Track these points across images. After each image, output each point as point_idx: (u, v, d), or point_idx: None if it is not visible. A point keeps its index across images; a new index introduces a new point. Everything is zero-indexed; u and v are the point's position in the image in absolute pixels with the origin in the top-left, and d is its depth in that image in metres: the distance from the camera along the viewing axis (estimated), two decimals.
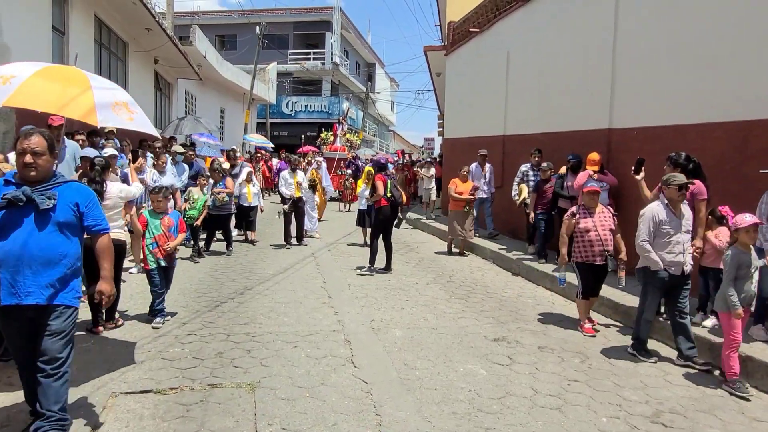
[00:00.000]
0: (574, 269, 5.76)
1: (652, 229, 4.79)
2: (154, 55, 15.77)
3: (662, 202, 4.86)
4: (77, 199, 3.15)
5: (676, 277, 4.80)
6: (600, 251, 5.51)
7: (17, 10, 8.46)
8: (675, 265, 4.78)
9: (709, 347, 4.87)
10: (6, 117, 7.99)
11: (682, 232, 4.80)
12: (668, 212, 4.80)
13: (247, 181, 10.37)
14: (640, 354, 4.90)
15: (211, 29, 32.59)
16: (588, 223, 5.58)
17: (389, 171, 9.40)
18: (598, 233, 5.52)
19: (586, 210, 5.67)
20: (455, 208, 9.83)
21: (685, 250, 4.82)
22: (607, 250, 5.52)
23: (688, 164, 5.47)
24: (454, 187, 9.81)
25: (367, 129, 38.83)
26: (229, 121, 26.01)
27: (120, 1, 11.93)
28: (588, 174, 7.21)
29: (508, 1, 11.31)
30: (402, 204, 8.44)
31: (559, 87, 9.42)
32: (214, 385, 4.06)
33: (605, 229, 5.56)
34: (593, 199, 5.67)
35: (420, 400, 3.90)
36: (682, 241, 4.79)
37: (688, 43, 6.69)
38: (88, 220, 3.20)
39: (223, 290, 6.86)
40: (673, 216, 4.80)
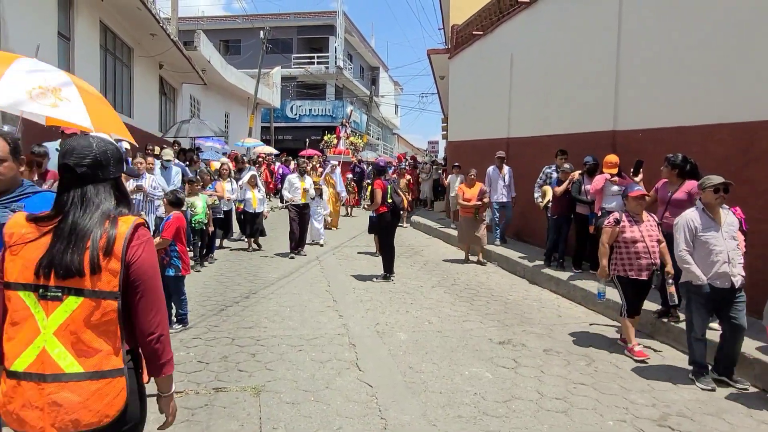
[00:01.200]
0: (615, 284, 5.14)
1: (690, 239, 4.36)
2: (159, 60, 15.85)
3: (698, 207, 4.45)
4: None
5: (723, 290, 4.27)
6: (647, 265, 4.91)
7: (23, 17, 8.52)
8: (720, 278, 4.26)
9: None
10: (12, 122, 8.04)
11: (725, 240, 4.30)
12: (705, 218, 4.37)
13: (251, 185, 9.94)
14: (699, 380, 4.34)
15: (216, 34, 32.74)
16: (635, 232, 4.94)
17: (388, 175, 9.01)
18: (646, 244, 4.91)
19: (631, 217, 5.03)
20: (464, 214, 9.44)
21: (732, 260, 4.27)
22: (654, 263, 4.92)
23: (686, 165, 5.51)
24: (462, 194, 9.41)
25: (371, 132, 38.88)
26: (234, 126, 26.11)
27: (125, 6, 12.01)
28: (605, 177, 6.95)
29: (511, 4, 11.31)
30: (403, 209, 8.30)
31: (563, 89, 9.41)
32: (219, 389, 4.06)
33: (653, 239, 4.96)
34: (640, 204, 5.03)
35: (425, 403, 3.89)
36: (726, 250, 4.27)
37: (691, 44, 6.67)
38: None
39: (227, 294, 6.87)
40: (712, 222, 4.35)
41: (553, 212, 8.08)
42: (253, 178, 10.05)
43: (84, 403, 1.65)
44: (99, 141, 1.83)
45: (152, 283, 1.80)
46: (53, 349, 1.65)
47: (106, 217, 1.74)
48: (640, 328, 5.74)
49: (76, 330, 1.66)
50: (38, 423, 1.63)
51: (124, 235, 1.72)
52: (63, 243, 1.67)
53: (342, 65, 36.09)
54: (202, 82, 19.30)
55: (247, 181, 9.97)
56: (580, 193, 7.60)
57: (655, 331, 5.56)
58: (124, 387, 1.72)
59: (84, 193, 1.74)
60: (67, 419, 1.64)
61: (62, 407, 1.64)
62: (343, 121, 23.08)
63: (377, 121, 43.78)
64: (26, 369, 1.64)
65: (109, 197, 1.79)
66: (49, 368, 1.64)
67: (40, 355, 1.64)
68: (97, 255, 1.67)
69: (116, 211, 1.78)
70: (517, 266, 8.71)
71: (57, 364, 1.64)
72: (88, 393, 1.66)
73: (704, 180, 4.44)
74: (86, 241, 1.68)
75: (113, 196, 1.80)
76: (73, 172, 1.74)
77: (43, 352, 1.64)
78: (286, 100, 34.70)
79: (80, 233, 1.68)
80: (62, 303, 1.66)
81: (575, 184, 7.69)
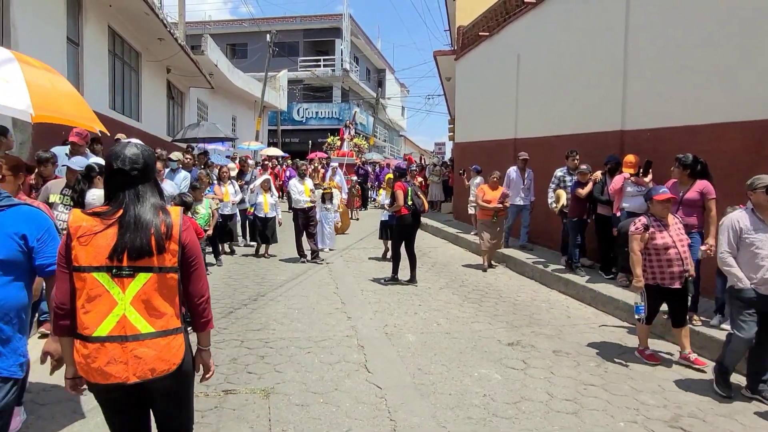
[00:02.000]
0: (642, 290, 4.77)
1: (734, 241, 4.13)
2: (167, 65, 15.95)
3: (746, 208, 4.22)
4: (25, 230, 2.31)
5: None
6: (680, 272, 4.62)
7: (33, 23, 8.60)
8: (766, 284, 4.00)
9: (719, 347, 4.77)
10: (23, 127, 8.11)
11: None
12: (754, 220, 4.12)
13: (264, 189, 9.70)
14: (719, 387, 4.14)
15: (223, 38, 32.91)
16: (666, 238, 4.64)
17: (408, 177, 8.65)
18: (678, 250, 4.61)
19: (659, 222, 4.72)
20: (483, 217, 9.05)
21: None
22: (687, 270, 4.65)
23: (697, 165, 5.47)
24: (482, 195, 9.02)
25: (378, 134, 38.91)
26: (241, 129, 26.20)
27: (133, 11, 12.08)
28: (624, 177, 6.81)
29: (517, 5, 11.30)
30: (424, 212, 7.94)
31: (570, 89, 9.38)
32: (228, 391, 4.07)
33: (684, 244, 4.68)
34: (666, 208, 4.72)
35: (434, 405, 3.88)
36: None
37: (699, 42, 6.63)
38: (40, 257, 2.35)
39: (236, 297, 6.90)
40: (761, 224, 4.09)
41: (572, 214, 7.80)
42: (267, 182, 9.84)
43: (158, 355, 2.09)
44: (143, 149, 2.24)
45: (199, 259, 2.27)
46: (131, 316, 2.07)
47: (156, 209, 2.15)
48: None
49: (148, 299, 2.09)
50: (123, 374, 2.04)
51: (178, 223, 2.18)
52: (131, 232, 2.06)
53: (348, 68, 36.17)
54: (210, 86, 19.39)
55: (260, 185, 9.78)
56: (602, 194, 7.35)
57: (666, 332, 5.52)
58: (183, 341, 2.18)
59: (137, 192, 2.15)
60: (146, 368, 2.07)
61: (142, 359, 2.07)
62: (347, 123, 22.91)
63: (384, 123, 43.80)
64: (109, 333, 2.05)
65: (155, 193, 2.21)
66: (129, 330, 2.06)
67: (121, 321, 2.06)
68: (162, 239, 2.10)
69: (161, 204, 2.20)
70: (525, 267, 8.68)
71: (135, 327, 2.07)
72: (159, 347, 2.10)
73: (754, 180, 4.18)
74: (150, 229, 2.09)
75: (156, 192, 2.22)
76: (127, 175, 2.14)
77: (123, 318, 2.06)
78: (293, 103, 34.81)
79: (143, 223, 2.09)
80: (134, 279, 2.08)
81: (597, 184, 7.49)
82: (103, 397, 2.18)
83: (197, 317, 2.30)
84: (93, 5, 11.00)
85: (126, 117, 13.18)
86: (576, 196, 7.69)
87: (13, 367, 2.24)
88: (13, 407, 2.30)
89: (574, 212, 7.77)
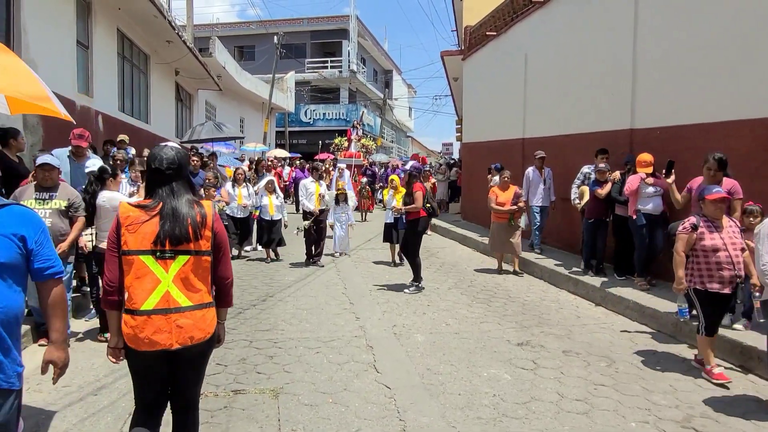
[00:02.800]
0: (692, 297, 4.49)
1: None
2: (175, 67, 16.05)
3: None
4: (23, 231, 2.23)
5: None
6: (730, 277, 4.28)
7: (43, 26, 8.68)
8: None
9: (740, 350, 4.74)
10: (33, 129, 8.19)
11: None
12: None
13: (268, 190, 9.39)
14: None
15: (230, 40, 33.09)
16: (716, 240, 4.32)
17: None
18: (729, 253, 4.29)
19: (710, 222, 4.41)
20: (497, 220, 8.66)
21: None
22: (739, 275, 4.30)
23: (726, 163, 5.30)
24: (495, 197, 8.59)
25: (385, 135, 38.94)
26: (249, 130, 26.29)
27: (142, 14, 12.18)
28: (640, 177, 6.61)
29: (524, 4, 11.26)
30: (437, 214, 7.91)
31: (578, 88, 9.33)
32: (237, 391, 4.08)
33: (736, 248, 4.34)
34: (720, 208, 4.40)
35: (444, 405, 3.87)
36: None
37: (710, 39, 6.57)
38: (39, 260, 2.28)
39: (245, 297, 6.91)
40: None
41: (588, 215, 7.58)
42: (271, 183, 9.54)
43: (195, 324, 2.46)
44: (177, 151, 2.60)
45: (227, 246, 2.66)
46: (173, 291, 2.43)
47: (191, 203, 2.52)
48: (660, 329, 5.67)
49: (187, 277, 2.46)
50: (167, 341, 2.39)
51: (211, 213, 2.56)
52: (171, 221, 2.43)
53: (355, 69, 36.21)
54: (218, 87, 19.49)
55: (264, 186, 9.50)
56: (620, 194, 7.11)
57: (678, 332, 5.47)
58: (214, 314, 2.58)
59: (172, 188, 2.51)
60: (186, 336, 2.43)
61: (183, 328, 2.43)
62: (355, 123, 22.65)
63: (391, 124, 43.82)
64: (155, 307, 2.40)
65: (188, 189, 2.57)
66: (172, 304, 2.42)
67: (164, 296, 2.41)
68: (198, 227, 2.48)
69: (194, 198, 2.56)
70: (534, 267, 8.63)
71: (177, 301, 2.43)
72: (196, 318, 2.47)
73: None
74: (187, 219, 2.46)
75: (189, 188, 2.59)
76: (163, 174, 2.51)
77: (167, 293, 2.42)
78: (301, 105, 34.92)
79: (180, 215, 2.46)
80: (175, 260, 2.44)
81: (616, 184, 7.27)
82: (143, 365, 2.50)
83: (223, 295, 2.68)
84: (102, 8, 11.10)
85: (135, 119, 13.28)
86: (594, 196, 7.46)
87: (12, 378, 2.17)
88: (17, 418, 2.27)
89: (591, 212, 7.55)
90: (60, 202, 4.89)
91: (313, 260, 9.07)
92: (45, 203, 4.82)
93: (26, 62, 8.05)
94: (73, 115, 9.53)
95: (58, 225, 4.81)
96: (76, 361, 4.55)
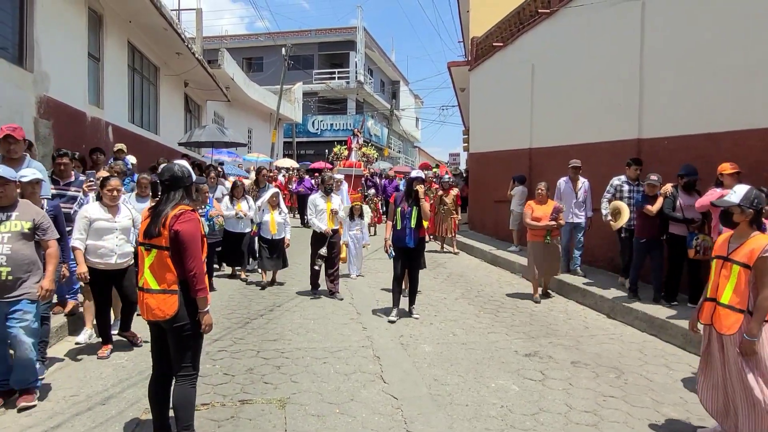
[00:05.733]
0: None
1: None
2: (184, 79, 16.23)
3: None
4: None
5: None
6: None
7: (56, 39, 8.82)
8: None
9: None
10: (45, 140, 8.29)
11: None
12: None
13: (271, 205, 8.08)
14: None
15: (239, 52, 33.41)
16: None
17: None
18: None
19: None
20: (534, 239, 7.56)
21: None
22: None
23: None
24: (531, 212, 7.55)
25: (392, 146, 39.03)
26: (257, 141, 26.50)
27: (152, 27, 12.35)
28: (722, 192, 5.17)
29: (531, 15, 11.31)
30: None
31: (585, 98, 9.33)
32: (244, 401, 4.08)
33: None
34: None
35: (451, 416, 3.84)
36: None
37: (717, 49, 6.58)
38: None
39: (252, 307, 6.92)
40: None
41: (641, 234, 6.63)
42: (275, 197, 8.20)
43: (158, 305, 3.13)
44: (178, 167, 3.29)
45: (188, 244, 3.11)
46: (148, 276, 3.16)
47: (174, 207, 3.15)
48: (669, 340, 5.61)
49: (153, 266, 3.16)
50: (144, 314, 3.22)
51: (171, 215, 3.12)
52: (152, 221, 3.17)
53: (363, 80, 36.42)
54: (226, 99, 19.67)
55: (268, 200, 8.13)
56: (674, 210, 6.33)
57: (687, 343, 5.41)
58: (176, 299, 3.13)
59: (168, 195, 3.22)
60: (151, 313, 3.15)
61: (148, 306, 3.16)
62: (355, 131, 21.17)
63: (398, 134, 43.95)
64: (140, 285, 3.22)
65: (180, 197, 3.22)
66: (145, 285, 3.17)
67: (144, 279, 3.18)
68: (161, 227, 3.12)
69: (183, 205, 3.18)
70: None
71: (149, 283, 3.16)
72: (158, 300, 3.13)
73: None
74: (161, 219, 3.12)
75: (182, 196, 3.23)
76: (163, 184, 3.25)
77: (144, 277, 3.18)
78: (308, 115, 35.12)
79: (159, 215, 3.15)
80: (150, 252, 3.17)
81: (668, 199, 6.40)
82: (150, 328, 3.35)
83: (191, 284, 3.14)
84: (113, 21, 11.27)
85: (144, 130, 13.42)
86: (644, 213, 6.51)
87: None
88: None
89: (643, 231, 6.59)
90: (22, 223, 3.97)
91: (331, 292, 7.61)
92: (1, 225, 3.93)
93: (39, 75, 8.28)
94: (83, 126, 9.75)
95: (21, 252, 3.91)
96: (84, 371, 4.60)
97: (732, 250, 3.38)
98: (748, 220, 3.34)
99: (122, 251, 5.04)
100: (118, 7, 11.05)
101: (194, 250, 3.13)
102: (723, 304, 3.33)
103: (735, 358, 3.27)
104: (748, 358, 3.21)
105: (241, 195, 8.54)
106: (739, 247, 3.32)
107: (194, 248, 3.13)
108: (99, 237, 4.95)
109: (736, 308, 3.26)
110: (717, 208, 4.71)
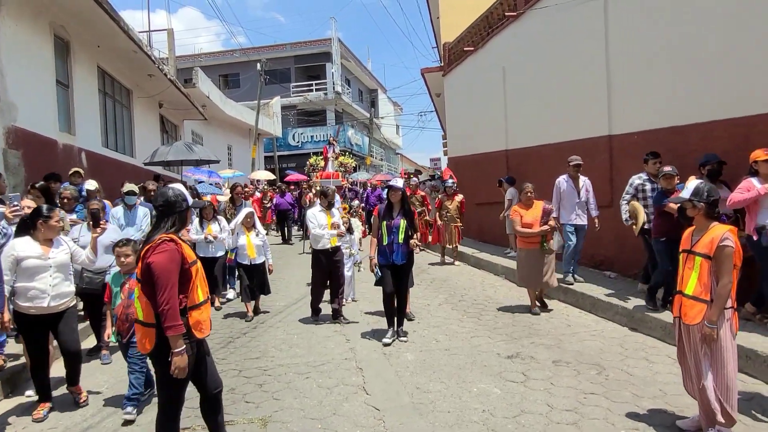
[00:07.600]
0: None
1: None
2: (159, 100, 16.12)
3: None
4: None
5: None
6: None
7: (21, 68, 8.72)
8: None
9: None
10: (15, 170, 8.18)
11: None
12: None
13: (246, 227, 7.30)
14: None
15: (215, 69, 33.33)
16: None
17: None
18: None
19: None
20: (528, 246, 6.86)
21: None
22: None
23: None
24: (520, 219, 6.80)
25: (375, 154, 39.09)
26: (237, 157, 26.37)
27: (122, 51, 12.25)
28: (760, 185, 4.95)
29: (499, 18, 11.45)
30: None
31: (556, 98, 9.45)
32: (226, 422, 4.02)
33: None
34: None
35: (433, 424, 3.84)
36: None
37: (680, 43, 6.71)
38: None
39: (235, 326, 6.87)
40: None
41: (659, 233, 5.82)
42: (250, 217, 7.40)
43: (140, 337, 3.10)
44: (173, 191, 3.20)
45: (159, 276, 2.92)
46: (137, 306, 3.11)
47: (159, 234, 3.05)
48: (649, 332, 5.66)
49: (141, 297, 3.07)
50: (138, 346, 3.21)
51: (149, 245, 3.00)
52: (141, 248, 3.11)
53: (340, 90, 36.48)
54: (203, 117, 19.58)
55: (242, 222, 7.31)
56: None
57: (666, 335, 5.47)
58: (153, 334, 3.01)
59: (159, 221, 3.14)
60: (141, 346, 3.10)
61: (138, 338, 3.14)
62: (331, 140, 20.33)
63: (379, 142, 44.03)
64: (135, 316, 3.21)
65: (171, 224, 3.11)
66: (136, 316, 3.13)
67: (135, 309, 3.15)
68: (138, 256, 3.11)
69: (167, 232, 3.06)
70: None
71: (137, 314, 3.11)
72: (143, 333, 3.08)
73: None
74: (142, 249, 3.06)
75: (173, 223, 3.12)
76: (157, 209, 3.17)
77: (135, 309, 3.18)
78: (288, 129, 35.05)
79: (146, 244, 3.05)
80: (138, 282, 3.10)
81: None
82: None
83: (162, 321, 2.94)
84: (81, 47, 11.17)
85: (120, 153, 13.29)
86: (663, 210, 5.63)
87: None
88: None
89: (661, 230, 5.78)
90: None
91: (335, 316, 6.90)
92: None
93: (5, 105, 8.17)
94: (55, 153, 9.64)
95: None
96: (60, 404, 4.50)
97: (694, 242, 3.45)
98: (703, 213, 3.44)
99: (57, 292, 4.26)
100: (85, 32, 10.97)
101: (164, 284, 2.89)
102: (687, 295, 3.42)
103: (696, 346, 3.37)
104: (707, 345, 3.32)
105: (211, 216, 7.75)
106: (700, 239, 3.40)
107: (164, 281, 2.89)
108: (30, 278, 4.18)
109: (700, 298, 3.34)
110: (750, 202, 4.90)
